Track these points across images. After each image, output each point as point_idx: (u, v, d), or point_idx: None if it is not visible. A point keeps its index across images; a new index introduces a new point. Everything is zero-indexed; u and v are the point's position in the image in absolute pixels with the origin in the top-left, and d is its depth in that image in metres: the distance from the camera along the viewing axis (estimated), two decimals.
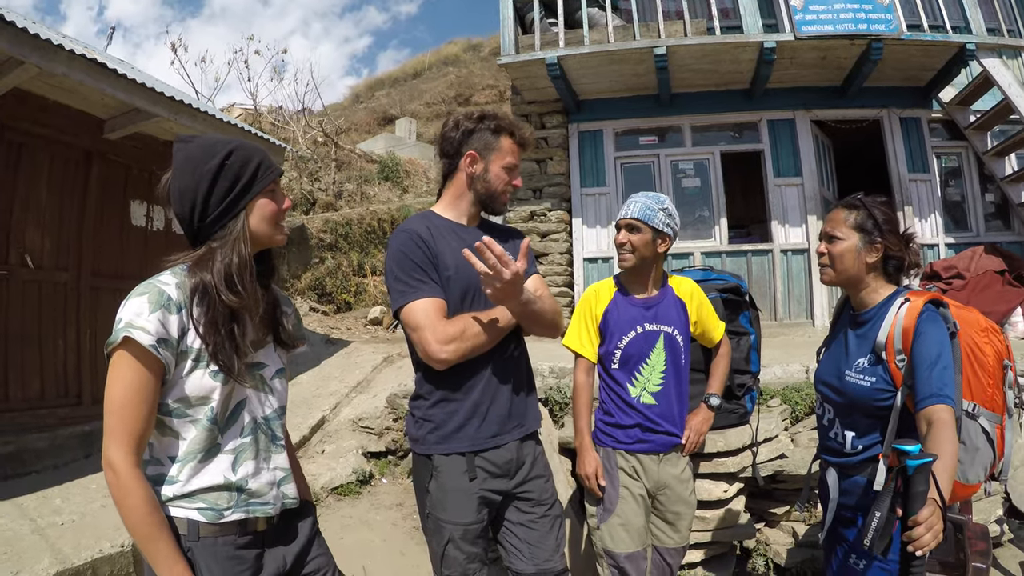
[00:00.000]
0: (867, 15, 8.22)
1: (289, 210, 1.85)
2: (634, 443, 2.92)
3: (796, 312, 9.10)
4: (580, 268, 9.65)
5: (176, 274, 1.69)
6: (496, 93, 29.54)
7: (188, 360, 1.63)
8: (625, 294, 3.02)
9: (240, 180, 1.73)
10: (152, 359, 1.55)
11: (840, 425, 2.35)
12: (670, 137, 9.85)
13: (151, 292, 1.60)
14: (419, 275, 2.24)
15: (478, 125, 2.40)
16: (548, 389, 5.53)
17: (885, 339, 2.19)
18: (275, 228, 1.81)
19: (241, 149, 1.75)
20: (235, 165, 1.73)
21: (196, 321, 1.63)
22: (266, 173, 1.77)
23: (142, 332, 1.54)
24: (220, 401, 1.66)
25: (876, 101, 9.29)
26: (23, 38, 4.66)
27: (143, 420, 1.56)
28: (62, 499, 4.56)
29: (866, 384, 2.22)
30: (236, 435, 1.71)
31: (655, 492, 2.94)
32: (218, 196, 1.71)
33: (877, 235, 2.28)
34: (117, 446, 1.53)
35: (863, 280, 2.32)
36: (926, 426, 1.95)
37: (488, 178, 2.38)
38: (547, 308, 2.34)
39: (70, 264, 5.98)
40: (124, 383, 1.54)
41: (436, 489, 2.31)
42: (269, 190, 1.79)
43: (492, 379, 2.33)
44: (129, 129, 6.18)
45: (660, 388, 2.92)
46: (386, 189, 18.30)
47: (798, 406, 5.24)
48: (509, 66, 9.00)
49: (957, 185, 9.41)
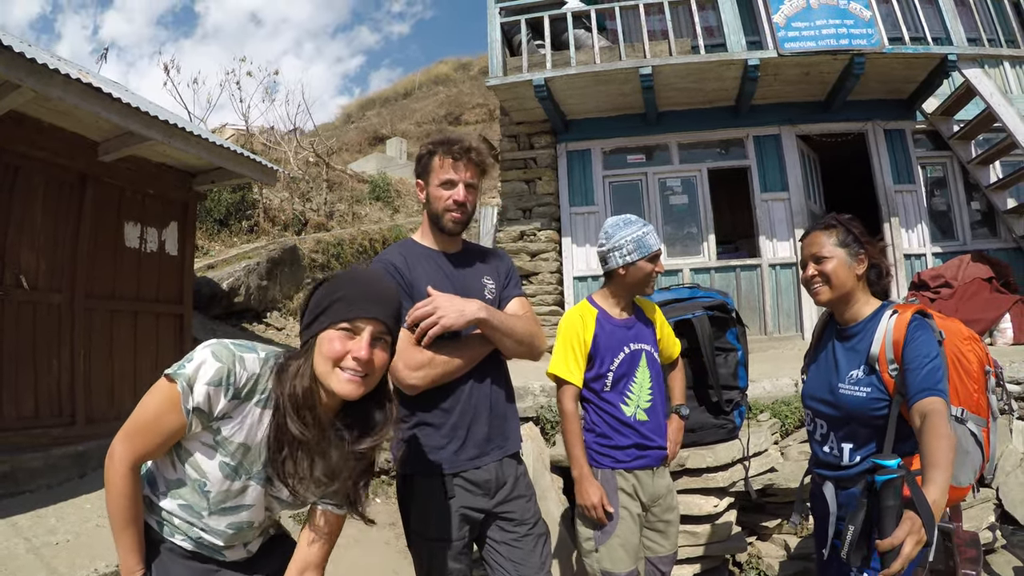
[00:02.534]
0: (849, 30, 8.37)
1: (362, 361, 1.61)
2: (633, 460, 2.95)
3: (785, 326, 9.17)
4: (570, 287, 9.72)
5: (262, 362, 1.67)
6: (486, 112, 29.68)
7: (212, 438, 1.65)
8: (606, 318, 3.04)
9: (318, 307, 1.67)
10: (181, 413, 1.59)
11: (836, 439, 2.39)
12: (657, 155, 9.95)
13: (224, 364, 1.60)
14: None
15: (422, 153, 2.47)
16: (540, 408, 5.56)
17: (878, 351, 2.25)
18: (332, 371, 1.63)
19: (337, 281, 1.70)
20: (321, 293, 1.69)
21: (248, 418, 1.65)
22: (343, 309, 1.64)
23: (188, 393, 1.57)
24: (218, 489, 1.68)
25: (860, 114, 9.42)
26: (19, 62, 4.70)
27: (153, 445, 1.63)
28: (57, 519, 4.56)
29: (862, 395, 2.27)
30: (222, 525, 1.74)
31: (649, 505, 2.99)
32: (306, 317, 1.70)
33: (859, 247, 2.37)
34: (124, 446, 1.62)
35: (854, 294, 2.39)
36: (919, 419, 2.00)
37: (430, 200, 2.43)
38: (521, 331, 2.40)
39: (64, 285, 6.00)
40: (153, 410, 1.61)
41: (418, 508, 2.35)
42: (343, 328, 1.63)
43: (470, 402, 2.37)
44: (123, 152, 6.22)
45: (650, 404, 2.99)
46: (377, 209, 18.34)
47: (788, 419, 5.28)
48: (497, 88, 9.10)
49: (943, 195, 9.54)
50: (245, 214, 14.51)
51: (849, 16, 8.42)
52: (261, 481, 1.72)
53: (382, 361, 1.68)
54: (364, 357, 1.61)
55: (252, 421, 1.66)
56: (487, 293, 2.48)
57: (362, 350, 1.61)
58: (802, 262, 2.48)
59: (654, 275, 2.97)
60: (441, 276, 2.42)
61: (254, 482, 1.71)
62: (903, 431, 2.19)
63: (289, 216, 15.27)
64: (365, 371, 1.63)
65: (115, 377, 6.35)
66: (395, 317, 1.71)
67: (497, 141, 11.16)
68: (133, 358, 6.59)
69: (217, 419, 1.62)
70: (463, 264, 2.51)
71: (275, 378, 1.66)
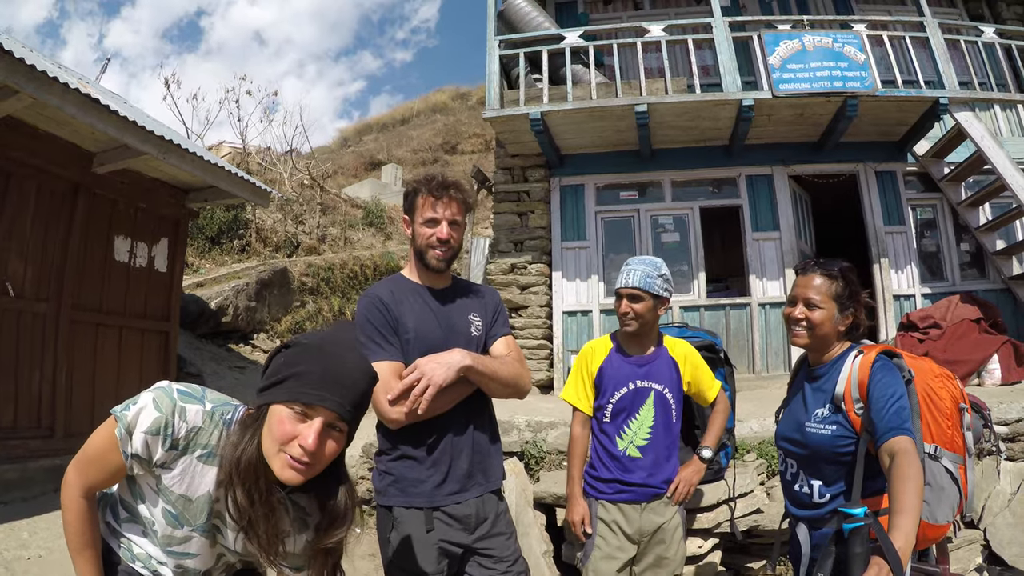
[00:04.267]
0: (843, 72, 8.45)
1: (308, 453, 1.51)
2: (615, 493, 3.01)
3: (774, 364, 9.16)
4: (559, 321, 9.68)
5: (206, 416, 1.61)
6: (482, 142, 29.90)
7: (154, 483, 1.62)
8: (620, 351, 3.13)
9: (276, 375, 1.58)
10: (122, 456, 1.58)
11: (805, 476, 2.39)
12: (650, 192, 9.99)
13: (163, 415, 1.55)
14: (377, 338, 2.35)
15: (407, 191, 2.52)
16: (524, 443, 5.52)
17: (843, 390, 2.28)
18: (276, 453, 1.53)
19: (299, 354, 1.58)
20: (281, 362, 1.59)
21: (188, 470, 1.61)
22: (298, 390, 1.53)
23: (128, 439, 1.54)
24: (165, 531, 1.66)
25: (852, 156, 9.50)
26: (19, 67, 4.72)
27: (101, 478, 1.63)
28: (29, 532, 4.50)
29: (827, 432, 2.29)
30: (171, 563, 1.71)
31: (640, 539, 2.99)
32: (264, 380, 1.61)
33: (851, 306, 2.39)
34: (75, 474, 1.62)
35: (831, 344, 2.41)
36: (888, 459, 2.02)
37: (415, 237, 2.47)
38: (505, 375, 2.42)
39: (51, 295, 5.98)
40: (100, 446, 1.60)
41: (397, 540, 2.35)
42: (295, 409, 1.53)
43: (453, 437, 2.39)
44: (118, 164, 6.23)
45: (647, 443, 3.01)
46: (370, 235, 18.39)
47: (774, 460, 5.24)
48: (494, 120, 9.13)
49: (932, 236, 9.59)
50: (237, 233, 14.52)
51: (843, 59, 8.52)
52: (205, 533, 1.67)
53: (332, 450, 1.58)
54: (311, 448, 1.51)
55: (193, 475, 1.60)
56: (473, 330, 2.51)
57: (309, 439, 1.51)
58: (791, 298, 2.48)
59: (621, 313, 3.06)
60: (427, 312, 2.45)
61: (197, 534, 1.66)
62: (872, 468, 2.19)
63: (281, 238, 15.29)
64: (310, 461, 1.53)
65: (97, 391, 6.29)
66: (355, 404, 1.59)
67: (491, 173, 11.21)
68: (116, 373, 6.55)
69: (157, 466, 1.58)
70: (450, 300, 2.53)
71: (228, 439, 1.59)
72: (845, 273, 2.42)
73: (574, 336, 9.57)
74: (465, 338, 2.46)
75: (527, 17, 9.90)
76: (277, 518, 1.60)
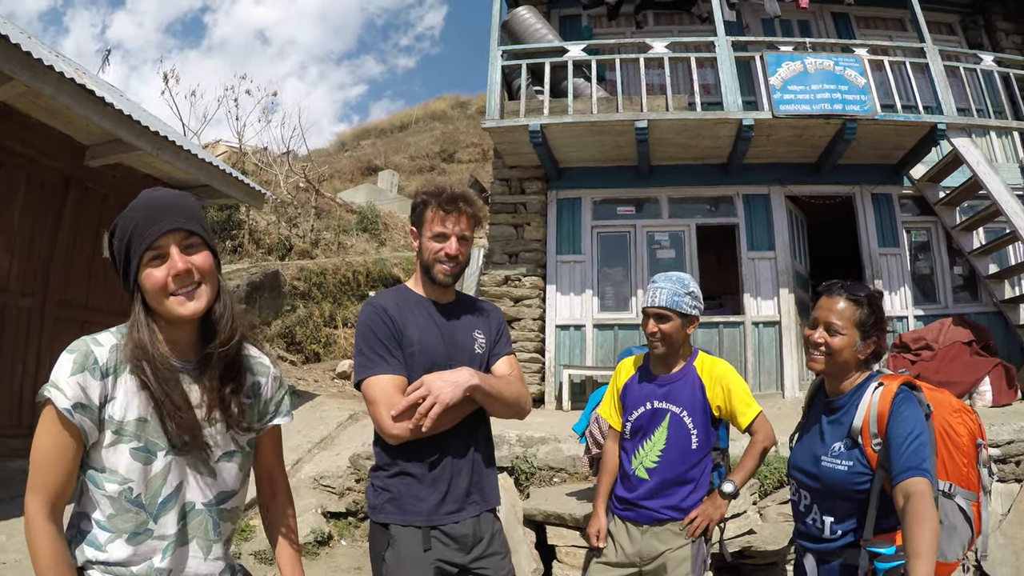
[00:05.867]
0: (843, 95, 8.48)
1: (183, 274, 1.57)
2: (623, 510, 3.01)
3: (767, 383, 9.15)
4: (552, 335, 9.64)
5: (117, 334, 1.62)
6: (480, 152, 29.92)
7: (108, 431, 1.55)
8: (645, 370, 3.09)
9: (120, 254, 1.62)
10: (69, 423, 1.50)
11: (818, 510, 2.34)
12: (647, 208, 9.98)
13: (78, 352, 1.54)
14: (381, 351, 2.31)
15: (416, 202, 2.48)
16: (515, 458, 5.47)
17: (861, 424, 2.21)
18: (165, 301, 1.58)
19: (122, 221, 1.62)
20: (115, 241, 1.64)
21: (129, 391, 1.56)
22: (140, 241, 1.57)
23: (60, 394, 1.49)
24: (143, 483, 1.56)
25: (849, 178, 9.53)
26: (14, 54, 4.66)
27: (60, 478, 1.52)
28: (7, 536, 4.39)
29: (843, 469, 2.23)
30: (170, 523, 1.60)
31: (640, 562, 2.92)
32: (119, 269, 1.65)
33: (874, 333, 2.31)
34: (33, 498, 1.50)
35: (849, 372, 2.34)
36: (903, 500, 1.97)
37: (422, 250, 2.43)
38: (509, 396, 2.40)
39: (36, 290, 5.89)
40: (44, 440, 1.52)
41: (392, 558, 2.29)
42: (150, 260, 1.58)
43: (452, 455, 2.35)
44: (111, 158, 6.17)
45: (655, 466, 2.93)
46: (364, 240, 18.31)
47: (767, 480, 5.22)
48: (493, 130, 9.12)
49: (926, 258, 9.65)
50: (230, 234, 14.45)
51: (844, 82, 8.55)
52: (174, 451, 1.61)
53: (203, 264, 1.62)
54: (182, 268, 1.56)
55: (134, 390, 1.57)
56: (477, 347, 2.48)
57: (177, 263, 1.56)
58: (813, 320, 2.39)
59: (649, 333, 2.96)
60: (431, 325, 2.41)
61: (170, 456, 1.60)
62: (885, 506, 2.14)
63: (274, 240, 15.21)
64: (194, 281, 1.59)
65: None
66: (192, 217, 1.63)
67: (488, 183, 11.18)
68: None
69: (101, 406, 1.53)
70: (454, 316, 2.50)
71: (127, 334, 1.60)
72: (872, 299, 2.34)
73: (566, 350, 9.53)
74: (468, 355, 2.42)
75: (531, 29, 9.90)
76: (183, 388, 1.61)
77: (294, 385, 9.92)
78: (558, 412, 8.73)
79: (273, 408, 1.85)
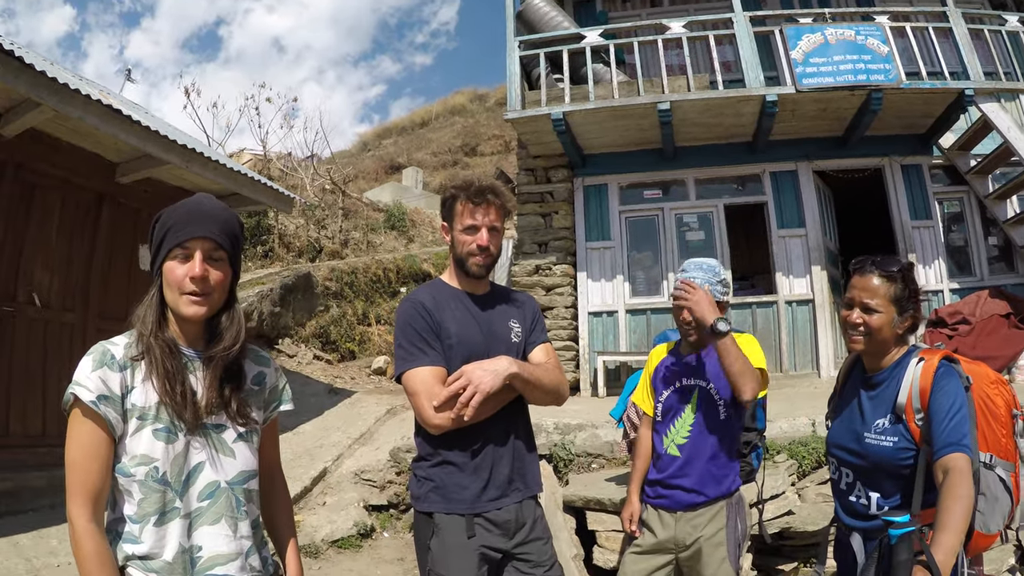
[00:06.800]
0: (866, 66, 8.36)
1: (198, 279, 1.67)
2: (655, 498, 2.98)
3: (801, 364, 9.07)
4: (585, 322, 9.66)
5: (130, 336, 1.72)
6: (502, 143, 29.80)
7: (134, 418, 1.62)
8: (676, 353, 3.10)
9: (155, 243, 1.74)
10: (96, 416, 1.57)
11: (862, 487, 2.33)
12: (674, 190, 9.94)
13: (96, 352, 1.64)
14: (420, 344, 2.35)
15: (445, 197, 2.51)
16: (553, 445, 5.49)
17: (905, 400, 2.20)
18: (178, 296, 1.69)
19: (166, 213, 1.75)
20: (156, 229, 1.74)
21: (146, 376, 1.65)
22: (173, 236, 1.70)
23: (83, 390, 1.56)
24: (168, 461, 1.63)
25: (877, 150, 9.39)
26: (41, 80, 4.75)
27: (96, 476, 1.58)
28: (59, 540, 4.50)
29: (888, 445, 2.22)
30: (194, 499, 1.67)
31: (677, 551, 2.91)
32: (151, 256, 1.76)
33: (911, 308, 2.29)
34: (73, 502, 1.56)
35: (890, 348, 2.32)
36: (942, 475, 1.98)
37: (454, 244, 2.46)
38: (548, 383, 2.42)
39: (77, 305, 6.02)
40: (76, 441, 1.58)
41: (437, 546, 2.32)
42: (177, 255, 1.70)
43: (493, 443, 2.37)
44: (141, 173, 6.26)
45: (686, 441, 2.92)
46: (392, 238, 18.38)
47: (805, 460, 5.19)
48: (516, 121, 9.12)
49: (960, 230, 9.48)
50: (260, 239, 14.59)
51: (866, 52, 8.43)
52: (189, 432, 1.69)
53: (218, 278, 1.72)
54: (198, 274, 1.66)
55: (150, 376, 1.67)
56: (513, 336, 2.51)
57: (196, 267, 1.67)
58: (848, 300, 2.36)
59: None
60: (468, 317, 2.44)
61: (191, 435, 1.68)
62: (931, 481, 2.12)
63: (304, 243, 15.33)
64: (204, 290, 1.69)
65: None
66: (226, 233, 1.75)
67: (514, 174, 11.19)
68: None
69: (123, 397, 1.62)
70: (490, 306, 2.53)
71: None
72: (905, 273, 2.30)
73: (600, 337, 9.53)
74: (505, 344, 2.45)
75: (546, 17, 9.88)
76: (186, 374, 1.70)
77: (331, 383, 10.04)
78: (593, 399, 8.75)
79: (277, 396, 1.95)
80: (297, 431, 7.46)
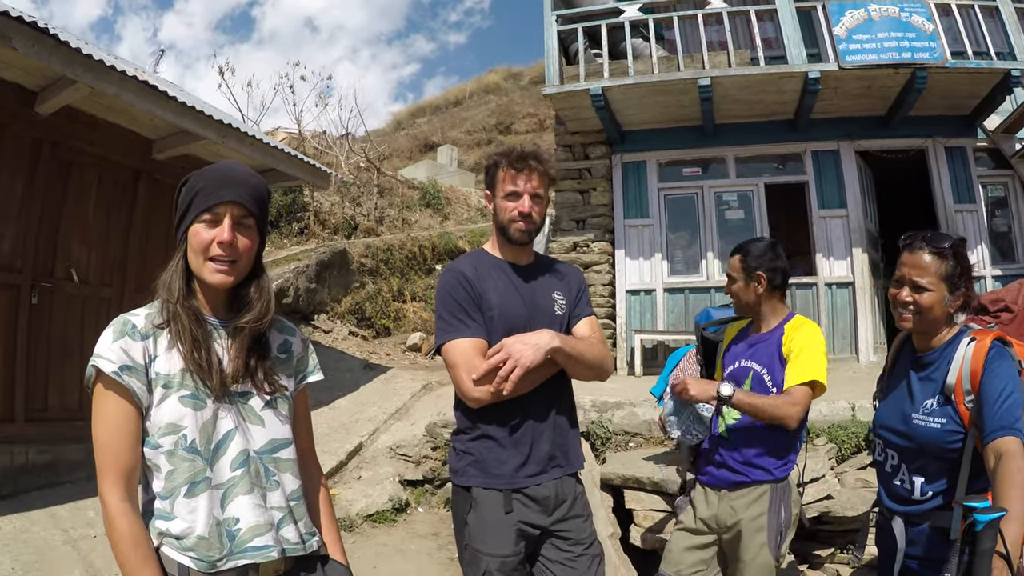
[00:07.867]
0: (911, 43, 8.14)
1: (226, 244, 1.64)
2: (702, 474, 3.04)
3: (841, 347, 8.92)
4: (623, 300, 9.59)
5: (152, 305, 1.70)
6: (536, 122, 29.71)
7: (159, 387, 1.59)
8: (743, 331, 3.15)
9: (183, 205, 1.69)
10: (120, 388, 1.54)
11: (907, 471, 2.27)
12: (714, 168, 9.80)
13: (116, 324, 1.63)
14: (461, 314, 2.31)
15: (488, 164, 2.49)
16: (590, 423, 5.45)
17: (955, 381, 2.13)
18: (202, 261, 1.65)
19: (194, 176, 1.70)
20: (183, 192, 1.70)
21: (170, 344, 1.62)
22: (202, 200, 1.65)
23: (105, 361, 1.54)
24: (196, 428, 1.59)
25: (920, 130, 9.15)
26: (76, 58, 4.76)
27: (126, 452, 1.55)
28: (95, 512, 4.55)
29: (936, 427, 2.16)
30: (225, 469, 1.62)
31: (719, 531, 2.91)
32: (176, 218, 1.71)
33: (962, 286, 2.22)
34: (104, 480, 1.53)
35: (940, 327, 2.25)
36: (994, 459, 1.92)
37: (497, 211, 2.42)
38: (591, 357, 2.38)
39: (114, 280, 6.08)
40: (102, 418, 1.56)
41: (475, 521, 2.30)
42: (205, 219, 1.65)
43: (533, 418, 2.34)
44: (178, 150, 6.28)
45: (735, 422, 2.91)
46: (427, 216, 18.43)
47: (844, 444, 5.12)
48: (553, 96, 9.05)
49: (1004, 215, 9.23)
50: (296, 216, 14.68)
51: (911, 29, 8.19)
52: (216, 400, 1.66)
53: (246, 245, 1.69)
54: (227, 239, 1.63)
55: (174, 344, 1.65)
56: (557, 308, 2.46)
57: (224, 233, 1.63)
58: (897, 277, 2.29)
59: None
60: (511, 288, 2.40)
61: (217, 403, 1.65)
62: (978, 466, 2.07)
63: (339, 220, 15.41)
64: (231, 256, 1.65)
65: None
66: (255, 199, 1.71)
67: (551, 150, 11.10)
68: None
69: (146, 367, 1.59)
70: (533, 277, 2.48)
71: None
72: (956, 250, 2.22)
73: (637, 315, 9.46)
74: (548, 317, 2.41)
75: None
76: (211, 343, 1.68)
77: (367, 359, 10.09)
78: (630, 378, 8.69)
79: (304, 366, 1.91)
80: (332, 406, 7.51)
